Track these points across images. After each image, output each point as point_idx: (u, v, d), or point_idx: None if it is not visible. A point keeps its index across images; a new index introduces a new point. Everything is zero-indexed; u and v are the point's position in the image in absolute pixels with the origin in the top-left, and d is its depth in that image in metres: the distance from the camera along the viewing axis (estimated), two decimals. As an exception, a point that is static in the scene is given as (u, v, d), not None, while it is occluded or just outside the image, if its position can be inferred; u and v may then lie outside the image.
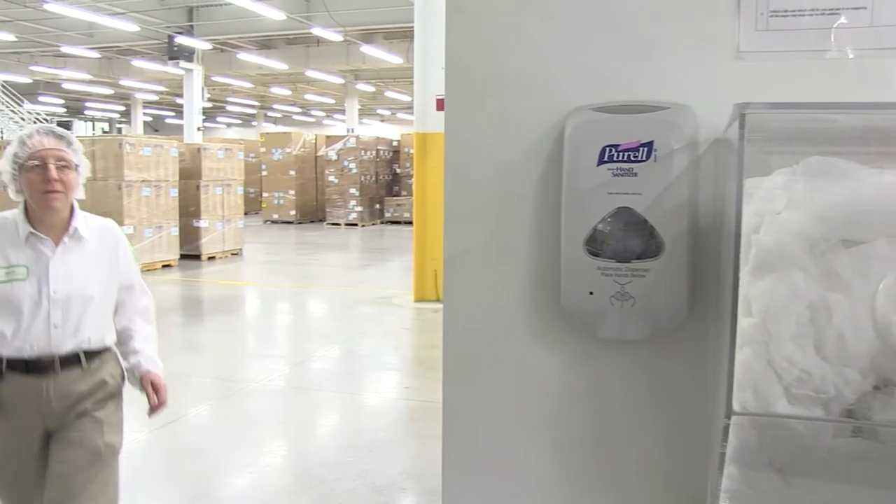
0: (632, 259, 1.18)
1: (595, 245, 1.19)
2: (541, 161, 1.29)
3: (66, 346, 2.07)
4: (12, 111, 23.22)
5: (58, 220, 2.09)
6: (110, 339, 2.21)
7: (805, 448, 0.90)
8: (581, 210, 1.19)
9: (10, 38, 17.89)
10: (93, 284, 2.13)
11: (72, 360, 2.09)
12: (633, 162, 1.16)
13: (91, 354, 2.13)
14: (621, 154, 1.17)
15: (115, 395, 2.19)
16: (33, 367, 2.04)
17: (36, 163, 2.02)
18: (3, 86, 22.70)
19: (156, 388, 2.22)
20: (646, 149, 1.16)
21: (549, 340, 1.32)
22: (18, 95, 23.33)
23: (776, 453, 0.91)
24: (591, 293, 1.20)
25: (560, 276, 1.23)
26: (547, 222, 1.29)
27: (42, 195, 2.02)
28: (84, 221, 2.16)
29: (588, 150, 1.18)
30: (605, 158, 1.17)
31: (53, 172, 2.02)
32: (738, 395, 0.92)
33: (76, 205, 2.16)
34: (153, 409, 2.23)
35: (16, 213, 2.09)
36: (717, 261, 1.22)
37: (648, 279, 1.17)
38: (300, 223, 18.63)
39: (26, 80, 23.53)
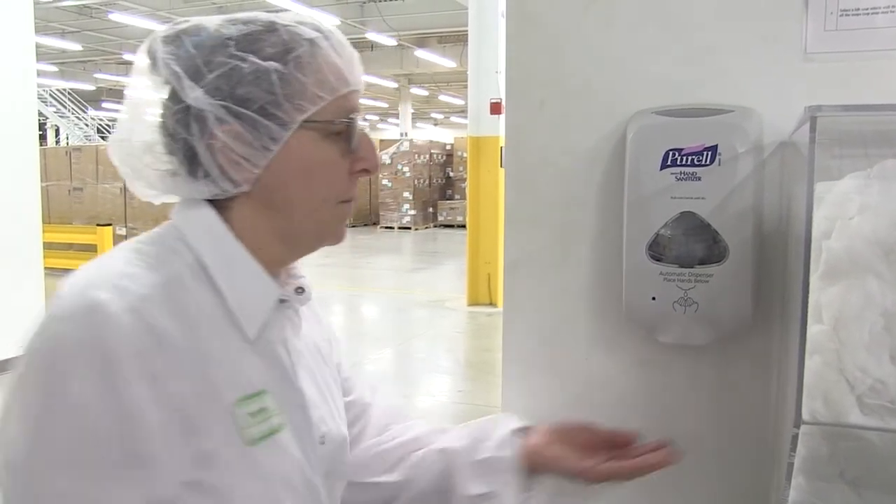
0: (695, 264, 1.16)
1: (658, 250, 1.17)
2: (602, 165, 1.28)
3: None
4: (77, 118, 23.98)
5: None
6: None
7: (880, 461, 0.87)
8: (643, 214, 1.18)
9: (77, 47, 18.48)
10: (341, 406, 1.07)
11: None
12: (696, 166, 1.15)
13: None
14: (685, 158, 1.15)
15: None
16: None
17: (345, 120, 0.89)
18: (69, 93, 23.46)
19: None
20: (710, 153, 1.14)
21: (610, 345, 1.31)
22: (83, 102, 24.08)
23: (848, 465, 0.88)
24: (653, 298, 1.18)
25: (622, 280, 1.22)
26: (609, 227, 1.28)
27: (342, 206, 0.94)
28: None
29: (651, 154, 1.17)
30: (669, 162, 1.16)
31: (377, 154, 0.95)
32: (808, 404, 0.90)
33: None
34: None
35: (194, 238, 0.88)
36: (783, 266, 1.20)
37: (712, 284, 1.16)
38: (354, 226, 18.80)
39: (90, 87, 24.26)
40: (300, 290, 0.98)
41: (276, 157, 0.86)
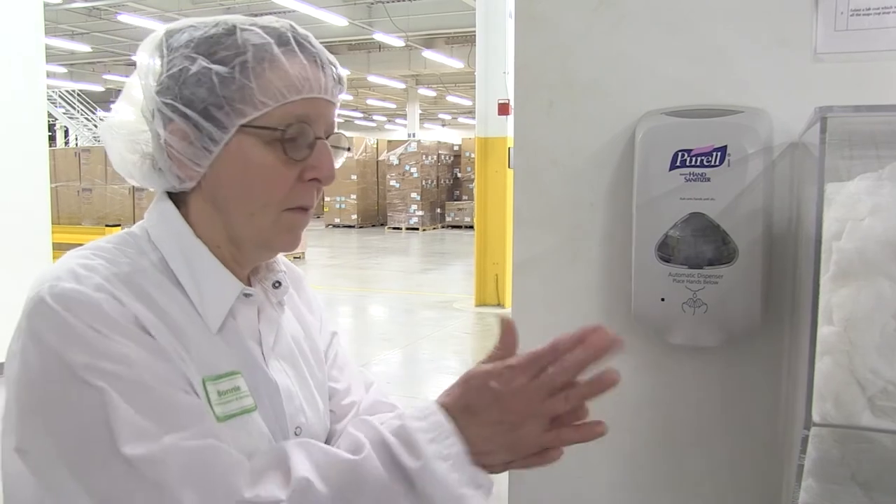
0: (704, 265, 1.16)
1: (667, 251, 1.17)
2: (612, 166, 1.28)
3: None
4: (87, 119, 24.08)
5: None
6: None
7: (892, 463, 0.86)
8: (652, 215, 1.17)
9: (86, 48, 18.56)
10: (320, 400, 1.04)
11: None
12: (705, 167, 1.14)
13: None
14: (694, 159, 1.15)
15: None
16: None
17: (290, 131, 0.87)
18: (78, 94, 23.55)
19: None
20: (719, 153, 1.14)
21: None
22: (92, 103, 24.17)
23: (859, 467, 0.88)
24: (662, 299, 1.18)
25: (630, 281, 1.22)
26: (618, 227, 1.28)
27: (284, 215, 0.90)
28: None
29: (660, 154, 1.16)
30: (678, 163, 1.15)
31: (332, 167, 0.91)
32: (818, 406, 0.89)
33: None
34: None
35: (159, 239, 0.92)
36: (793, 267, 1.19)
37: (721, 286, 1.15)
38: (362, 227, 18.82)
39: (99, 88, 24.36)
40: (277, 284, 1.00)
41: (217, 158, 0.88)
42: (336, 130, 0.94)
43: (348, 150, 1.00)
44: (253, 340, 0.94)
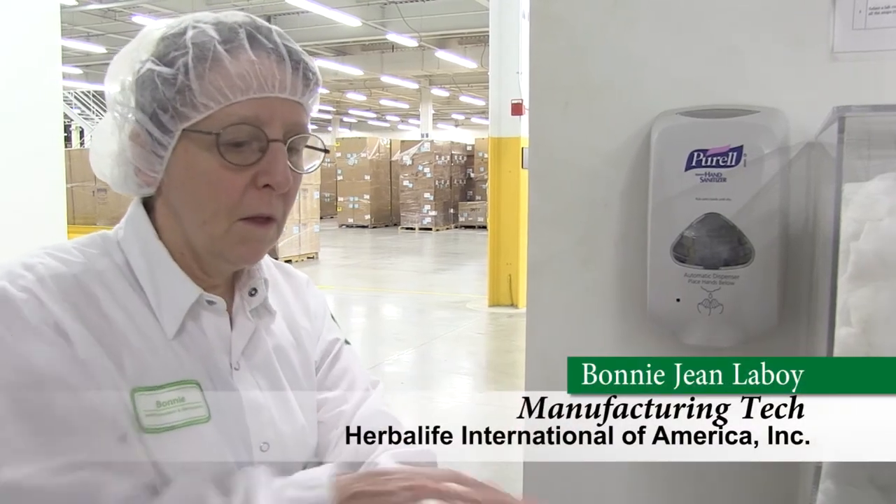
0: (720, 266, 1.15)
1: (682, 251, 1.17)
2: (627, 166, 1.28)
3: None
4: (101, 120, 24.24)
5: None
6: None
7: (911, 465, 0.86)
8: (668, 216, 1.17)
9: (101, 50, 18.68)
10: (306, 421, 0.99)
11: None
12: (721, 167, 1.14)
13: None
14: (710, 159, 1.14)
15: None
16: None
17: (226, 134, 0.82)
18: (94, 95, 23.72)
19: None
20: (735, 153, 1.13)
21: (634, 347, 1.30)
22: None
23: (878, 470, 0.87)
24: (678, 300, 1.18)
25: (646, 282, 1.22)
26: (633, 228, 1.27)
27: (238, 224, 0.86)
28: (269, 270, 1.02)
29: (675, 155, 1.16)
30: (693, 163, 1.15)
31: (285, 172, 0.84)
32: (836, 408, 0.89)
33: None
34: None
35: (125, 241, 0.91)
36: (810, 268, 1.19)
37: (737, 286, 1.15)
38: (375, 227, 18.85)
39: (115, 89, 24.49)
40: (253, 291, 0.96)
41: (169, 164, 0.85)
42: (305, 133, 0.87)
43: (326, 151, 0.94)
44: (221, 350, 0.91)
